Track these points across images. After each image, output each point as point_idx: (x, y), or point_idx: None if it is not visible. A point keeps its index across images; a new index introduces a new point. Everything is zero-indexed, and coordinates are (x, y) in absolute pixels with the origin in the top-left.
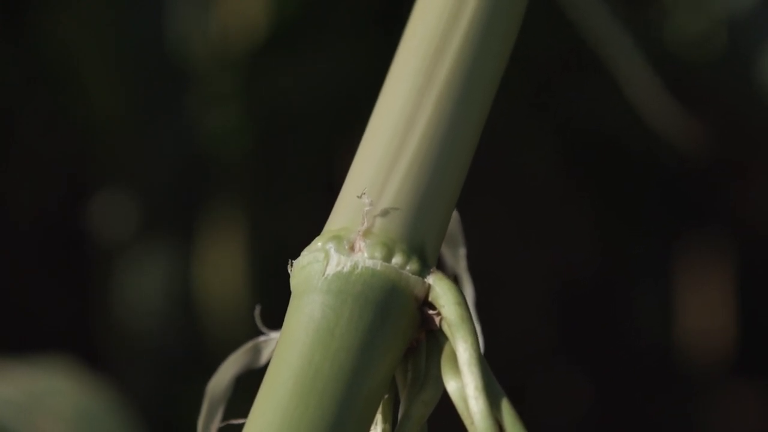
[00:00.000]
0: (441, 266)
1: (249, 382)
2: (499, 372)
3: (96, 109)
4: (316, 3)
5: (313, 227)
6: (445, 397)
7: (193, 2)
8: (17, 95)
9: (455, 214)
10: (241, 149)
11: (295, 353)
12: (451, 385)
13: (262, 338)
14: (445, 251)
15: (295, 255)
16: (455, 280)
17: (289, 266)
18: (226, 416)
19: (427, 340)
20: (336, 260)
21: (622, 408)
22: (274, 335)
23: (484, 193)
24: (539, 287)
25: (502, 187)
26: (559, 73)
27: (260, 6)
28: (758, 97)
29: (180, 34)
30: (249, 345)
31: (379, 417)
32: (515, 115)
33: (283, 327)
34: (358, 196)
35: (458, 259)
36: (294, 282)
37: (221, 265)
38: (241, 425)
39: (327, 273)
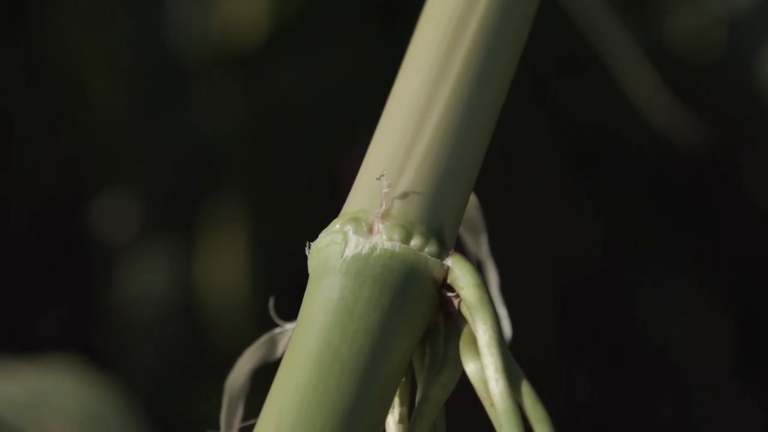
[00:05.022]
0: (463, 252)
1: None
2: None
3: (96, 109)
4: (317, 3)
5: (313, 226)
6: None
7: (194, 2)
8: (17, 95)
9: (474, 199)
10: (241, 149)
11: (313, 335)
12: (470, 367)
13: (277, 330)
14: (467, 236)
15: (295, 254)
16: (477, 265)
17: (306, 248)
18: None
19: (445, 323)
20: (355, 242)
21: (622, 407)
22: (288, 326)
23: (484, 190)
24: (539, 286)
25: (502, 185)
26: (560, 70)
27: (260, 6)
28: (758, 97)
29: (180, 34)
30: (264, 338)
31: (396, 400)
32: (515, 113)
33: (301, 309)
34: (376, 178)
35: (480, 243)
36: (312, 264)
37: (222, 264)
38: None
39: (346, 255)
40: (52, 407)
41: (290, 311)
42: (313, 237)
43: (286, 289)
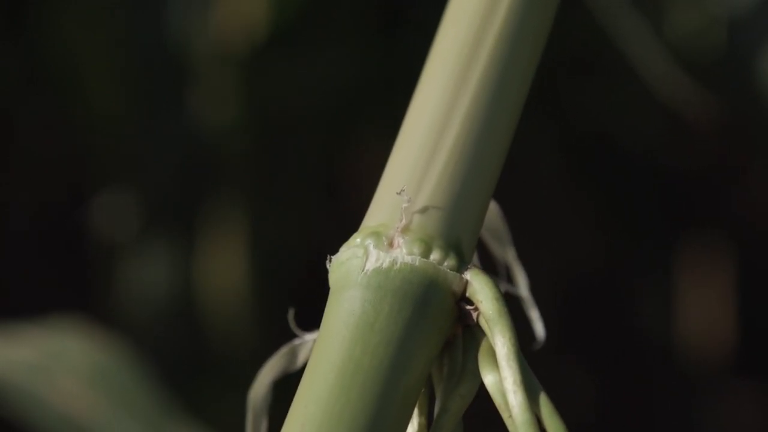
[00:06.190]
0: (490, 258)
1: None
2: None
3: (96, 109)
4: (316, 3)
5: (313, 226)
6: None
7: (194, 2)
8: (17, 95)
9: (496, 207)
10: (241, 149)
11: (335, 347)
12: (488, 379)
13: (297, 341)
14: (492, 244)
15: (295, 254)
16: (506, 270)
17: (327, 262)
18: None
19: (463, 335)
20: (375, 256)
21: (622, 407)
22: (309, 337)
23: None
24: (540, 287)
25: (503, 187)
26: (561, 73)
27: (260, 6)
28: (758, 97)
29: (180, 34)
30: (285, 349)
31: (415, 411)
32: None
33: (323, 322)
34: (397, 193)
35: (506, 249)
36: (333, 278)
37: (222, 265)
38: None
39: (366, 269)
40: (63, 367)
41: (291, 310)
42: (313, 237)
43: (286, 289)
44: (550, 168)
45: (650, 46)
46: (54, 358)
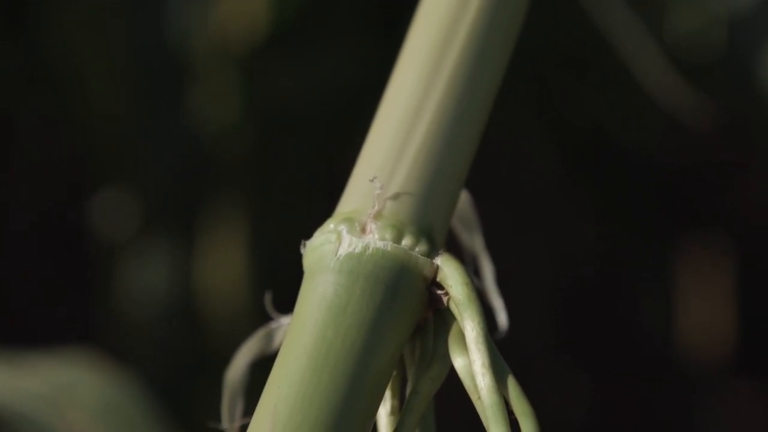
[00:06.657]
0: (458, 247)
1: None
2: None
3: (96, 109)
4: (316, 3)
5: (313, 226)
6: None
7: (194, 2)
8: (17, 95)
9: (467, 196)
10: (241, 149)
11: (308, 330)
12: (458, 362)
13: (273, 324)
14: (462, 232)
15: (295, 253)
16: (473, 259)
17: (302, 247)
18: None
19: (434, 319)
20: (348, 241)
21: (622, 407)
22: (284, 320)
23: (482, 190)
24: (539, 286)
25: (501, 185)
26: (561, 69)
27: (260, 6)
28: (758, 97)
29: (180, 34)
30: (261, 332)
31: (387, 393)
32: (513, 113)
33: (297, 305)
34: (369, 180)
35: (474, 238)
36: (307, 262)
37: (222, 264)
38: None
39: (339, 254)
40: (73, 400)
41: (290, 309)
42: (312, 237)
43: (286, 288)
44: (547, 165)
45: (646, 49)
46: (63, 391)
